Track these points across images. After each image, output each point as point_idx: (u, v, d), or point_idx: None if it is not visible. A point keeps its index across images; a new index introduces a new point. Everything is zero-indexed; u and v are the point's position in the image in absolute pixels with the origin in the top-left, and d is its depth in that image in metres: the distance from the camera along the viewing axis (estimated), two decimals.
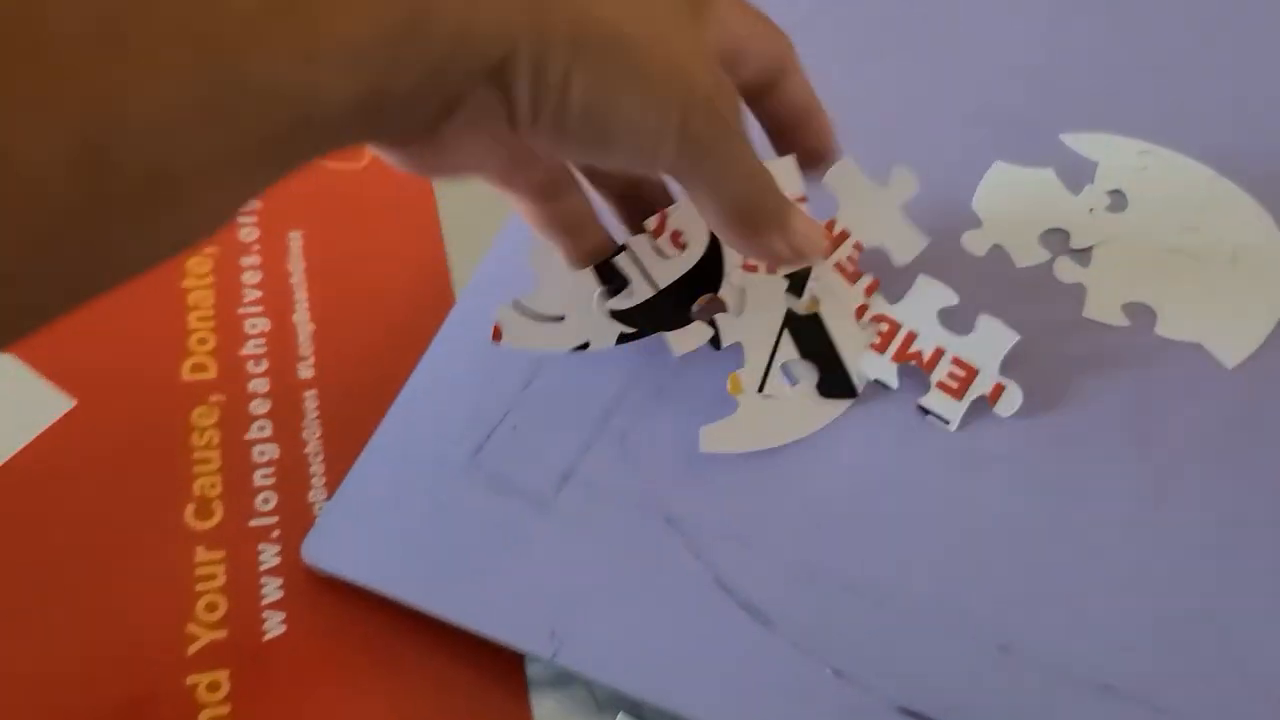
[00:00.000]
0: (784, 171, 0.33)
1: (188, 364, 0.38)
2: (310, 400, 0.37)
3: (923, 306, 0.36)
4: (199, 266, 0.40)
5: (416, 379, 0.37)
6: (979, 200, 0.41)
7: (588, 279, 0.35)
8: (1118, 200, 0.41)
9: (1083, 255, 0.40)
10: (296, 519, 0.35)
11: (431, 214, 0.43)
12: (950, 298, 0.36)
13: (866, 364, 0.36)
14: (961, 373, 0.35)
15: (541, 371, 0.36)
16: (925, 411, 0.35)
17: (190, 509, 0.35)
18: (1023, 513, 0.34)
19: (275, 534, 0.35)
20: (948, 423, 0.35)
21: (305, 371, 0.38)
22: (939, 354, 0.36)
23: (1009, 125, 0.43)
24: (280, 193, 0.23)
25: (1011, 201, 0.41)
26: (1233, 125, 0.44)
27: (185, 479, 0.35)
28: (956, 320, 0.36)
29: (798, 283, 0.36)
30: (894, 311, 0.36)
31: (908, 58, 0.45)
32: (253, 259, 0.41)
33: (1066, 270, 0.39)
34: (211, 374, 0.38)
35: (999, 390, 0.35)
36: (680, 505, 0.34)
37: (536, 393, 0.36)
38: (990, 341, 0.35)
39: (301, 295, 0.40)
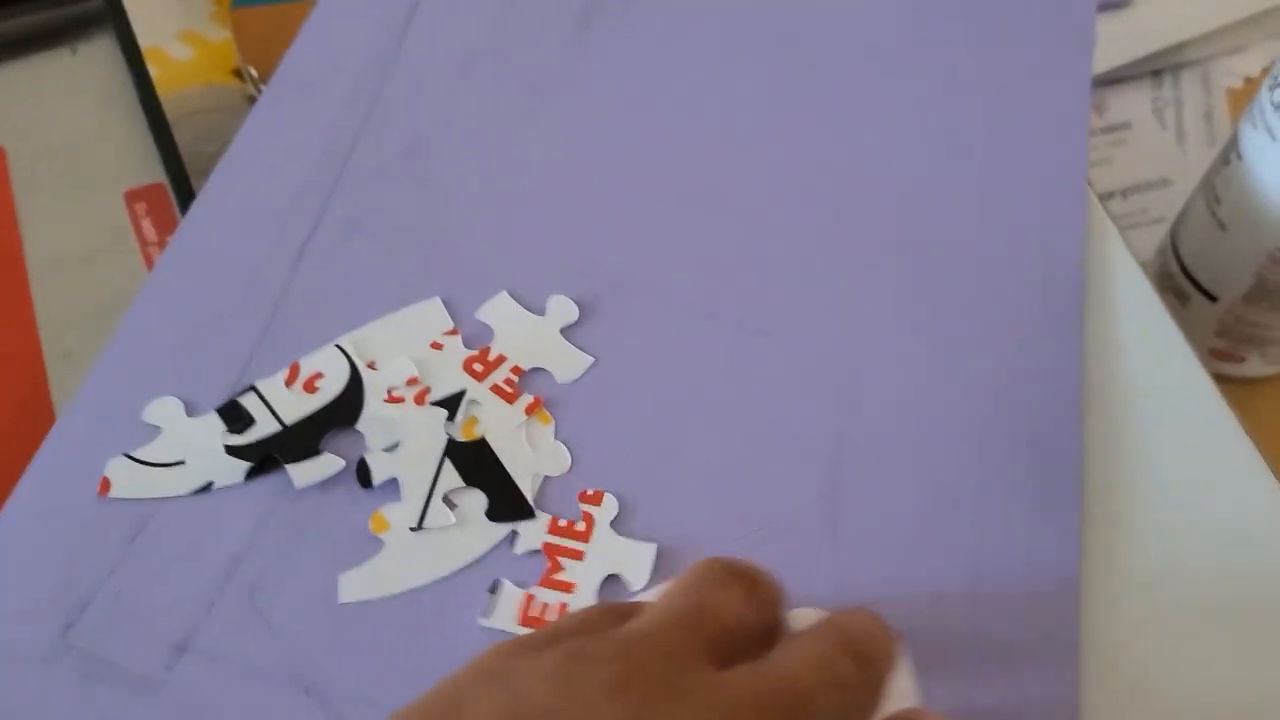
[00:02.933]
0: None
1: None
2: None
3: None
4: None
5: None
6: None
7: (211, 423, 0.32)
8: None
9: None
10: None
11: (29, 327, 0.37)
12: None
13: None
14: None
15: (151, 522, 0.31)
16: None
17: None
18: None
19: None
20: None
21: None
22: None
23: None
24: None
25: None
26: None
27: None
28: None
29: (452, 409, 0.33)
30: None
31: None
32: None
33: None
34: None
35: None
36: (321, 670, 0.29)
37: (145, 547, 0.31)
38: None
39: None
